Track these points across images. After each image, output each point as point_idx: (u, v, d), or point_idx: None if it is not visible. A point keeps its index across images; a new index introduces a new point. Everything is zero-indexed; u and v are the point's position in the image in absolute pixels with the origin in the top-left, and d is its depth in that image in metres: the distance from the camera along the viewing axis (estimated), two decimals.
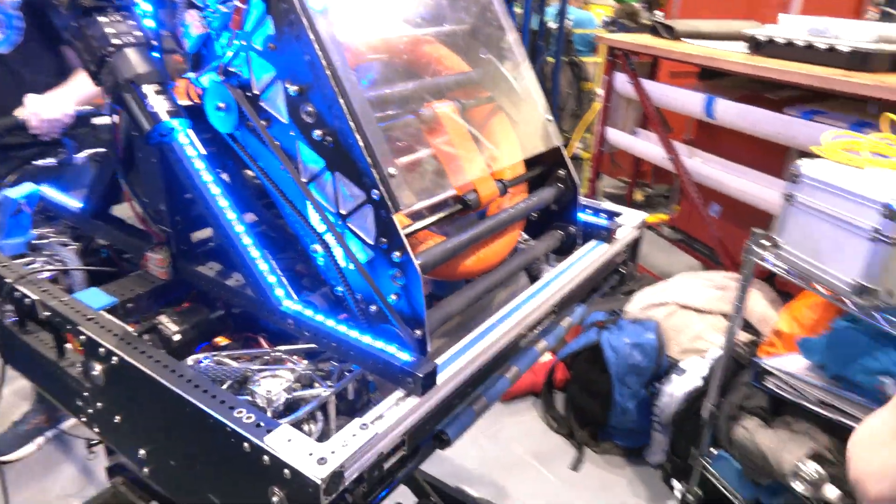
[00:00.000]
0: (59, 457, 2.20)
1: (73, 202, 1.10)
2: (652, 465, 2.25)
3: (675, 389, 2.11)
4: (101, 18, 0.74)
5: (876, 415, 0.72)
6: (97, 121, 1.08)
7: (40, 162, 1.63)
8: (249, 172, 0.98)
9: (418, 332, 0.77)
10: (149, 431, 0.81)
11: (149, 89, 0.75)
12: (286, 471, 0.63)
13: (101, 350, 0.80)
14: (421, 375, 0.71)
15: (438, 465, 2.10)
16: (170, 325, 0.88)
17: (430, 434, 0.80)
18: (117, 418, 0.84)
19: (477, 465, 2.23)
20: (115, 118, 0.87)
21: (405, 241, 0.74)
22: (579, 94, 4.77)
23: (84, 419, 0.92)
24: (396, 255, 0.75)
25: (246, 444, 0.66)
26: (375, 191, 0.74)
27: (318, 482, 0.60)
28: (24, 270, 0.95)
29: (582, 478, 2.20)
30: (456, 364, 0.79)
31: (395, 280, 0.77)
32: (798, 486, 1.51)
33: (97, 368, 0.82)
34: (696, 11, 3.77)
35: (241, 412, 0.68)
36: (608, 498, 2.13)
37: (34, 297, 0.89)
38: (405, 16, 0.93)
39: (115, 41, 0.74)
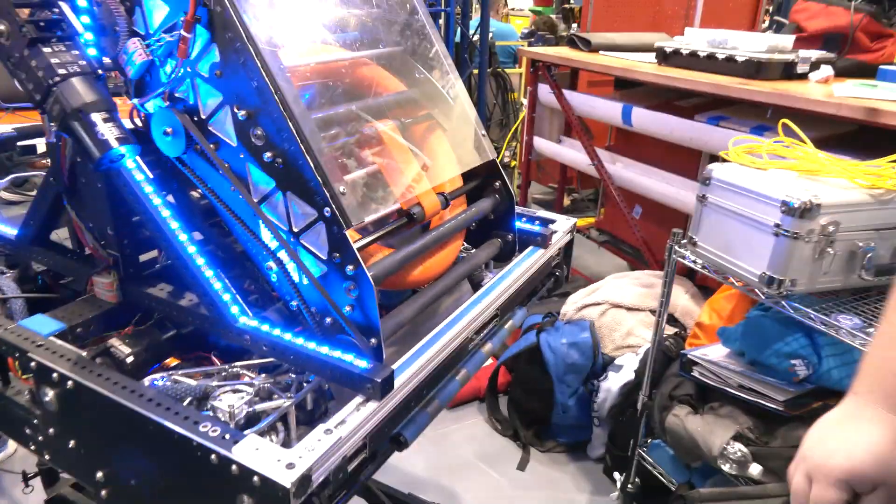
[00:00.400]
0: None
1: (7, 229, 1.08)
2: (593, 460, 2.35)
3: (612, 385, 2.22)
4: (46, 49, 0.75)
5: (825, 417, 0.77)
6: None
7: None
8: (195, 193, 1.00)
9: (373, 341, 0.81)
10: (107, 454, 0.81)
11: (97, 117, 0.77)
12: (255, 478, 0.65)
13: (54, 375, 0.80)
14: (379, 381, 0.75)
15: (388, 473, 2.13)
16: (122, 348, 0.88)
17: (388, 437, 0.84)
18: (72, 443, 0.84)
19: (425, 471, 2.27)
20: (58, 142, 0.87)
21: (358, 255, 0.79)
22: (505, 105, 4.92)
23: (33, 447, 0.91)
24: (350, 268, 0.79)
25: (213, 456, 0.68)
26: (327, 209, 0.78)
27: (288, 486, 0.63)
28: None
29: (529, 476, 2.28)
30: (410, 369, 0.83)
31: (349, 292, 0.81)
32: (725, 467, 1.63)
33: (49, 394, 0.82)
34: (609, 24, 3.98)
35: (206, 426, 0.70)
36: (554, 494, 2.22)
37: None
38: (343, 39, 0.98)
39: (60, 71, 0.75)
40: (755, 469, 1.57)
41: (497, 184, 1.15)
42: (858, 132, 2.04)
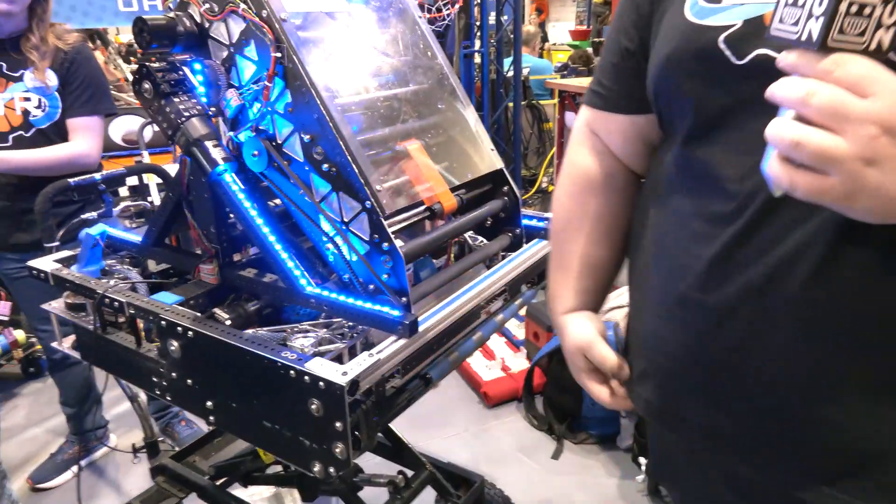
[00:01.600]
0: (93, 481, 2.45)
1: (133, 237, 1.43)
2: (623, 450, 2.55)
3: None
4: (175, 99, 1.10)
5: None
6: None
7: (86, 215, 1.97)
8: (274, 202, 1.33)
9: (404, 299, 1.10)
10: (215, 385, 1.12)
11: (209, 144, 1.10)
12: (321, 383, 0.95)
13: (179, 329, 1.12)
14: (407, 323, 1.04)
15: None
16: (223, 314, 1.20)
17: (418, 375, 1.12)
18: (189, 381, 1.15)
19: (468, 461, 2.51)
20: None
21: (391, 235, 1.08)
22: (541, 134, 5.22)
23: (158, 391, 1.23)
24: (386, 245, 1.09)
25: (292, 372, 0.97)
26: (368, 202, 1.08)
27: (343, 384, 0.92)
28: (109, 285, 1.27)
29: (562, 464, 2.49)
30: (432, 319, 1.12)
31: (385, 264, 1.10)
32: None
33: (175, 345, 1.14)
34: None
35: (286, 353, 1.00)
36: (586, 479, 2.42)
37: (123, 300, 1.21)
38: (379, 80, 1.30)
39: (185, 114, 1.09)
40: None
41: (505, 188, 1.44)
42: None
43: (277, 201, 1.38)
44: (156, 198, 3.40)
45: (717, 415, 0.79)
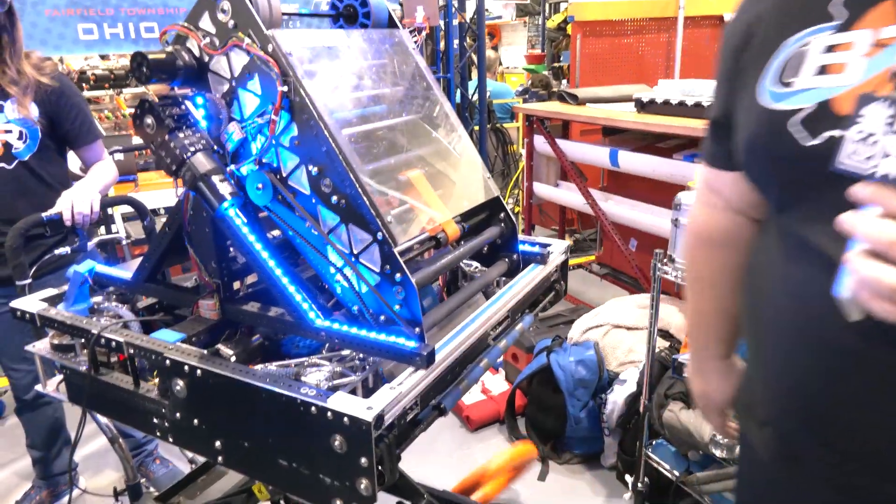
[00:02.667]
0: None
1: (123, 273, 1.39)
2: (607, 468, 2.57)
3: (618, 397, 2.47)
4: (179, 134, 1.08)
5: None
6: None
7: (59, 251, 1.90)
8: (272, 233, 1.31)
9: (417, 329, 1.10)
10: (224, 424, 1.09)
11: (216, 179, 1.08)
12: (346, 419, 0.93)
13: (186, 368, 1.09)
14: (425, 354, 1.04)
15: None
16: (227, 350, 1.17)
17: (432, 406, 1.12)
18: (195, 422, 1.12)
19: (453, 485, 2.49)
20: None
21: (404, 265, 1.09)
22: (505, 157, 5.30)
23: (159, 433, 1.19)
24: (398, 276, 1.09)
25: (313, 409, 0.96)
26: (380, 233, 1.08)
27: (370, 420, 0.91)
28: (104, 324, 1.22)
29: (549, 486, 2.50)
30: (446, 349, 1.12)
31: (397, 294, 1.10)
32: (717, 452, 1.87)
33: (180, 384, 1.11)
34: (595, 79, 4.38)
35: (305, 389, 0.99)
36: (573, 499, 2.43)
37: (121, 339, 1.17)
38: (381, 110, 1.30)
39: (191, 148, 1.07)
40: None
41: (502, 215, 1.46)
42: None
43: (276, 232, 1.37)
44: (120, 229, 3.30)
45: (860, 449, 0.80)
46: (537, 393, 2.70)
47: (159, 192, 3.76)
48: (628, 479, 2.37)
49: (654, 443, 2.24)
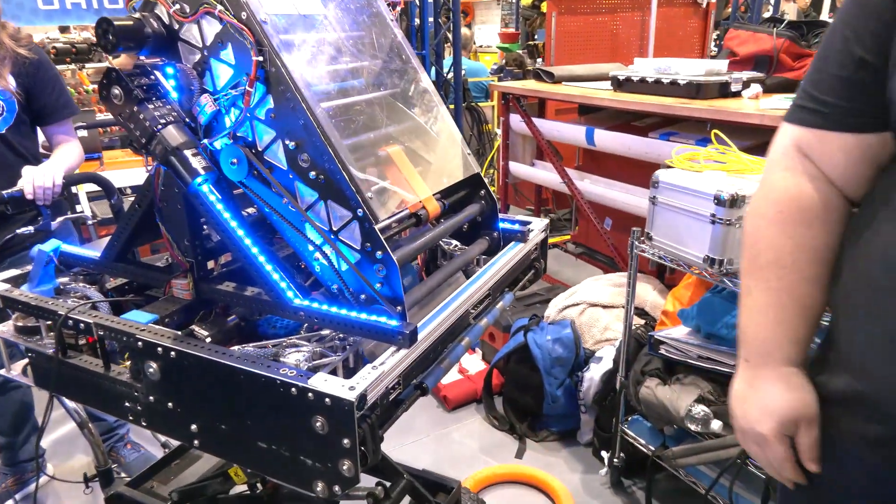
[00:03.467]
0: None
1: (90, 252, 1.33)
2: (583, 444, 2.60)
3: (594, 374, 2.49)
4: (149, 105, 1.03)
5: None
6: None
7: (21, 230, 1.83)
8: (246, 211, 1.27)
9: (399, 308, 1.07)
10: (201, 407, 1.06)
11: (188, 153, 1.04)
12: (327, 400, 0.91)
13: (159, 350, 1.05)
14: (408, 332, 1.02)
15: None
16: (202, 331, 1.14)
17: (413, 385, 1.10)
18: (170, 405, 1.08)
19: (432, 465, 2.48)
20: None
21: (384, 242, 1.06)
22: (480, 136, 5.27)
23: (132, 417, 1.15)
24: (379, 253, 1.06)
25: (294, 390, 0.93)
26: (360, 209, 1.05)
27: (352, 400, 0.89)
28: (72, 304, 1.18)
29: (526, 463, 2.52)
30: (428, 328, 1.10)
31: (378, 272, 1.08)
32: (692, 426, 1.90)
33: (153, 366, 1.07)
34: (570, 57, 4.36)
35: (285, 370, 0.96)
36: (549, 474, 2.45)
37: (90, 321, 1.12)
38: (360, 83, 1.26)
39: (161, 121, 1.02)
40: (716, 424, 1.84)
41: (482, 192, 1.44)
42: None
43: (250, 210, 1.33)
44: (86, 208, 3.19)
45: None
46: (514, 372, 2.71)
47: (125, 171, 3.65)
48: (604, 454, 2.40)
49: (629, 419, 2.27)
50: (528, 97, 3.51)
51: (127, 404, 1.15)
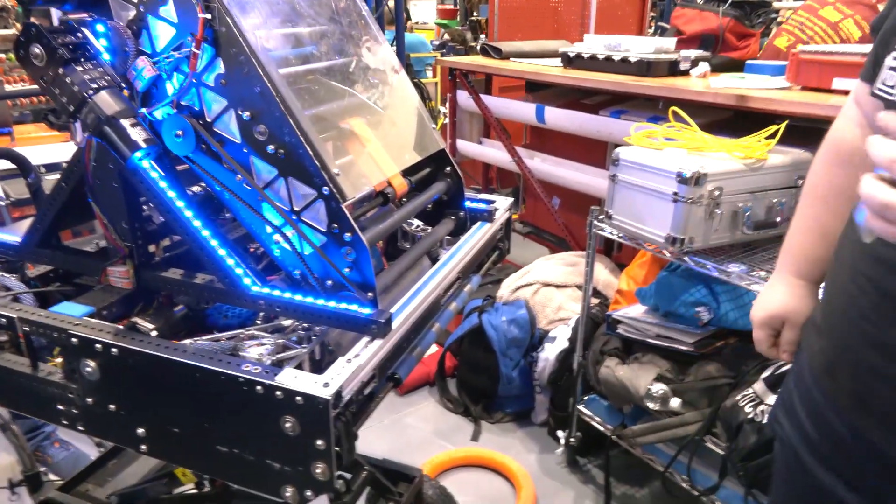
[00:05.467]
0: None
1: (9, 237, 1.18)
2: (538, 424, 2.59)
3: (549, 354, 2.47)
4: (77, 67, 0.89)
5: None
6: None
7: None
8: (191, 189, 1.15)
9: (370, 294, 0.99)
10: (149, 409, 0.95)
11: (126, 123, 0.91)
12: (298, 398, 0.82)
13: (98, 346, 0.93)
14: (382, 321, 0.94)
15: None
16: (146, 324, 1.02)
17: (386, 376, 1.02)
18: (112, 407, 0.96)
19: (387, 452, 2.42)
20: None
21: (354, 223, 0.97)
22: None
23: (66, 421, 1.02)
24: (347, 235, 0.97)
25: (259, 388, 0.84)
26: (326, 187, 0.96)
27: (328, 398, 0.80)
28: None
29: (482, 446, 2.49)
30: (401, 316, 1.02)
31: (347, 256, 0.99)
32: (651, 405, 1.90)
33: (91, 365, 0.94)
34: (513, 34, 4.31)
35: (248, 366, 0.86)
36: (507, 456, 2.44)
37: (13, 315, 0.98)
38: (316, 49, 1.15)
39: (93, 85, 0.89)
40: (675, 402, 1.85)
41: (448, 169, 1.36)
42: (733, 118, 2.40)
43: (195, 188, 1.20)
44: None
45: None
46: (468, 354, 2.67)
47: (39, 147, 3.35)
48: (560, 434, 2.40)
49: (586, 398, 2.27)
50: (476, 73, 3.43)
51: (60, 407, 1.02)
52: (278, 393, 0.83)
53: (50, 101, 0.95)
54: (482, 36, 5.47)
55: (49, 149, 3.34)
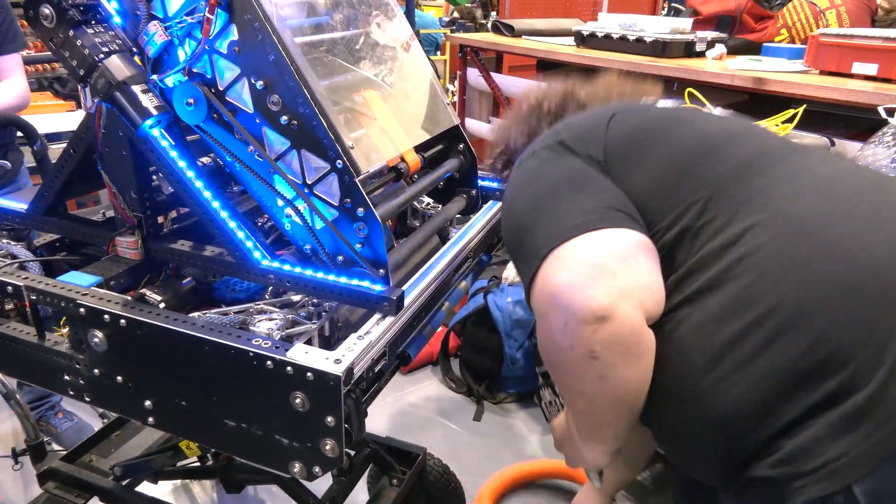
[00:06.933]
0: None
1: (15, 204, 1.16)
2: (541, 406, 2.59)
3: None
4: (88, 30, 0.86)
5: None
6: None
7: None
8: (202, 160, 1.13)
9: (382, 271, 0.97)
10: (157, 382, 0.94)
11: (137, 89, 0.88)
12: (309, 374, 0.81)
13: (106, 317, 0.91)
14: (395, 299, 0.92)
15: None
16: (154, 296, 1.00)
17: (396, 354, 1.01)
18: (119, 379, 0.95)
19: (389, 430, 2.43)
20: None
21: (367, 198, 0.95)
22: None
23: (73, 392, 1.01)
24: (360, 210, 0.95)
25: (269, 363, 0.82)
26: (339, 161, 0.93)
27: (339, 374, 0.79)
28: None
29: (484, 425, 2.49)
30: (413, 294, 1.00)
31: (359, 231, 0.97)
32: None
33: (98, 336, 0.93)
34: (525, 12, 4.24)
35: (258, 341, 0.85)
36: (508, 437, 2.44)
37: (20, 283, 0.97)
38: (330, 18, 1.12)
39: (104, 49, 0.86)
40: None
41: (461, 146, 1.33)
42: (749, 101, 2.37)
43: (205, 159, 1.18)
44: None
45: None
46: (472, 334, 2.66)
47: (44, 116, 3.32)
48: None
49: None
50: (486, 51, 3.38)
51: (66, 378, 1.01)
52: (289, 368, 0.82)
53: (56, 68, 0.93)
54: (493, 13, 5.39)
55: (54, 118, 3.31)
